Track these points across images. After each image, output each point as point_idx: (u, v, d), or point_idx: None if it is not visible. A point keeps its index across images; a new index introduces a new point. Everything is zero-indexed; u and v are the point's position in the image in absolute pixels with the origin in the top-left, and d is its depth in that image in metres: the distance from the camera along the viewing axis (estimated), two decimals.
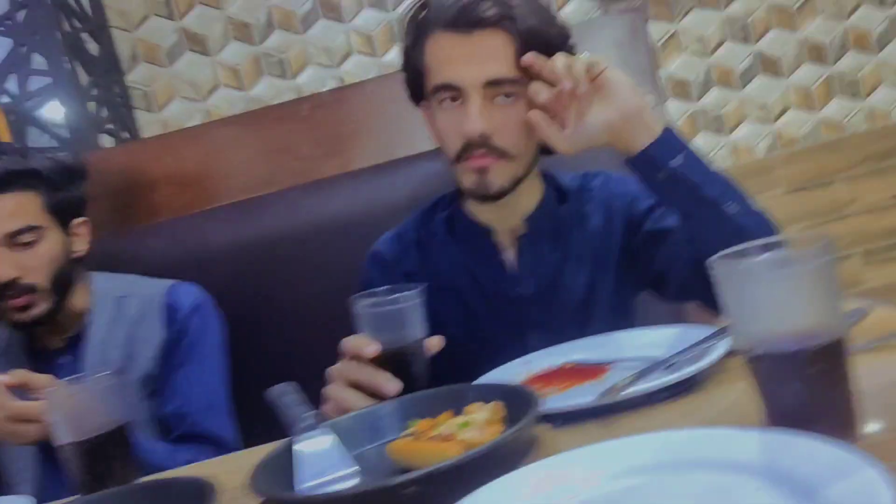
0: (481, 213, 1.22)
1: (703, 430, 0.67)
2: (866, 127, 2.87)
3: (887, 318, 0.91)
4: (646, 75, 1.51)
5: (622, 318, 1.22)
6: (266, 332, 1.54)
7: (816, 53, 2.85)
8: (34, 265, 1.33)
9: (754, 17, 2.83)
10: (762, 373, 0.64)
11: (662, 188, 1.04)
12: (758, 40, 2.84)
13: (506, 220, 1.22)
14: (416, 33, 1.16)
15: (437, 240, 1.27)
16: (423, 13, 1.15)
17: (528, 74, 1.08)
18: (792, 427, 0.61)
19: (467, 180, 1.14)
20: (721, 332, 0.92)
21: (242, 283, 1.54)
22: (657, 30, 2.82)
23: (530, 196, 1.22)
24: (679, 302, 1.27)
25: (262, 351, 1.49)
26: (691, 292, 1.15)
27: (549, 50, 1.09)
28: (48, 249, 1.35)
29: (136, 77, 2.76)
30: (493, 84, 1.09)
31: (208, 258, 1.55)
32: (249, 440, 1.32)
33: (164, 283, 1.45)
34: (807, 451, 0.58)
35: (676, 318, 1.24)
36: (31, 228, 1.33)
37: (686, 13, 2.82)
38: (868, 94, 2.88)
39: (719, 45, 2.84)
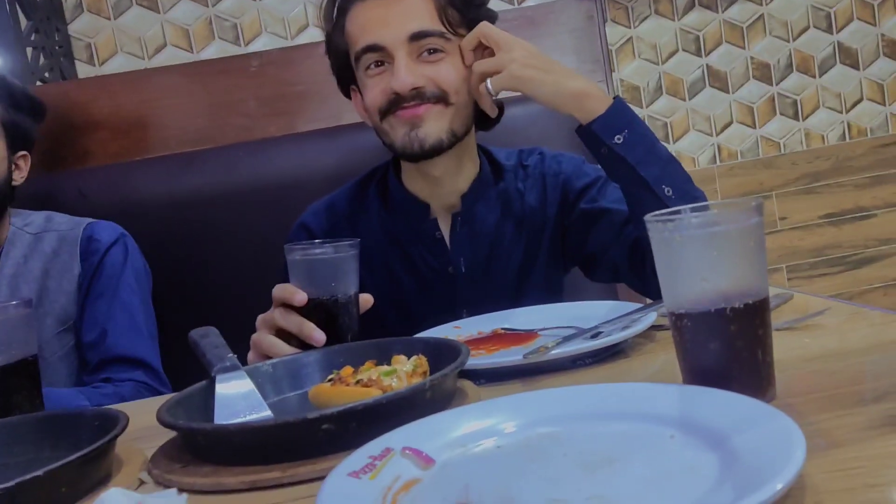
0: (418, 188, 1.21)
1: (620, 385, 0.68)
2: (802, 147, 2.97)
3: (805, 302, 0.95)
4: (598, 64, 1.52)
5: (553, 296, 1.23)
6: (194, 288, 1.50)
7: (762, 72, 2.93)
8: None
9: (706, 31, 2.90)
10: (685, 330, 0.64)
11: (604, 161, 1.05)
12: (708, 54, 2.91)
13: (442, 195, 1.20)
14: (336, 14, 1.15)
15: (371, 213, 1.24)
16: None
17: (453, 30, 1.10)
18: (708, 385, 0.62)
19: (398, 136, 1.11)
20: (649, 307, 0.93)
21: (173, 237, 1.50)
22: (614, 34, 2.86)
23: (468, 171, 1.21)
24: (607, 282, 1.28)
25: (188, 307, 1.45)
26: (620, 274, 1.16)
27: (469, 7, 1.12)
28: None
29: (80, 27, 2.65)
30: (417, 37, 1.08)
31: (139, 208, 1.50)
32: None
33: (83, 220, 1.41)
34: (721, 404, 0.59)
35: (608, 298, 1.26)
36: None
37: (643, 20, 2.86)
38: (807, 116, 2.97)
39: (672, 54, 2.90)
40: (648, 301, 1.05)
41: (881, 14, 2.94)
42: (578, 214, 1.19)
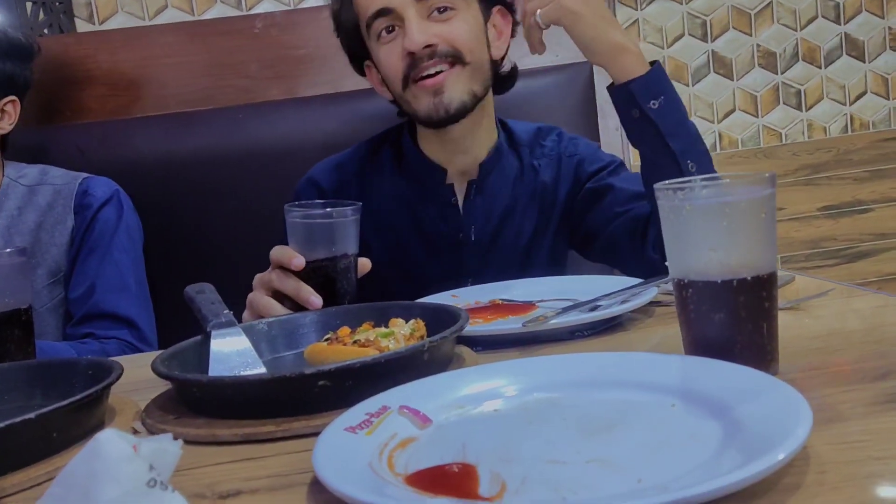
0: (435, 152, 1.20)
1: (620, 354, 0.67)
2: (804, 138, 2.96)
3: (806, 284, 0.95)
4: None
5: (556, 272, 1.23)
6: (190, 248, 1.49)
7: (767, 60, 2.91)
8: None
9: (714, 17, 2.87)
10: (690, 300, 0.63)
11: (633, 124, 1.03)
12: (715, 39, 2.89)
13: (460, 161, 1.20)
14: None
15: (383, 174, 1.24)
16: None
17: None
18: (711, 356, 0.62)
19: (422, 105, 1.11)
20: (648, 282, 0.93)
21: (170, 197, 1.48)
22: (620, 15, 2.83)
23: (487, 138, 1.20)
24: (603, 262, 1.28)
25: (184, 267, 1.43)
26: (618, 253, 1.16)
27: None
28: None
29: None
30: None
31: (137, 166, 1.48)
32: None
33: (79, 175, 1.39)
34: (725, 374, 0.58)
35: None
36: None
37: (650, 2, 2.84)
38: (810, 107, 2.96)
39: (678, 38, 2.87)
40: None
41: (889, 7, 2.92)
42: (585, 192, 1.20)
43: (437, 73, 1.08)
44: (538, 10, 1.02)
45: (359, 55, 1.20)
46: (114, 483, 0.45)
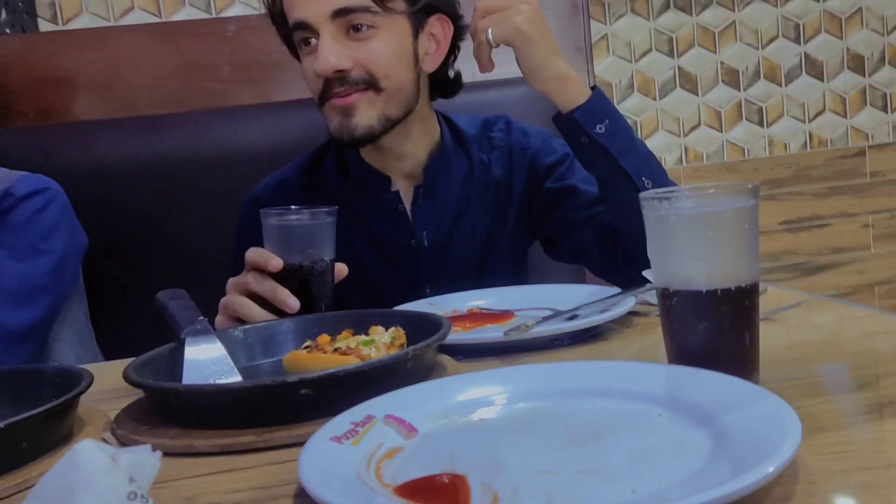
0: (375, 160, 1.17)
1: (605, 363, 0.67)
2: (765, 154, 3.02)
3: (780, 296, 0.96)
4: (581, 53, 1.52)
5: (517, 272, 1.22)
6: (159, 254, 1.45)
7: (731, 77, 2.97)
8: None
9: (680, 33, 2.92)
10: (674, 309, 0.64)
11: (584, 151, 1.04)
12: (681, 55, 2.94)
13: (402, 168, 1.17)
14: None
15: (329, 186, 1.20)
16: None
17: (382, 5, 1.04)
18: (695, 365, 0.62)
19: (332, 123, 1.08)
20: (627, 291, 0.93)
21: (139, 201, 1.44)
22: (591, 29, 2.86)
23: (425, 141, 1.17)
24: (569, 262, 1.27)
25: (152, 273, 1.40)
26: (587, 257, 1.16)
27: None
28: None
29: None
30: (341, 13, 1.03)
31: (104, 170, 1.44)
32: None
33: (13, 174, 1.32)
34: (710, 384, 0.58)
35: (576, 279, 1.26)
36: None
37: (619, 17, 2.88)
38: (771, 123, 3.02)
39: (645, 53, 2.91)
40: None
41: (847, 28, 3.00)
42: (545, 192, 1.18)
43: (349, 94, 1.05)
44: (489, 28, 1.00)
45: (296, 53, 1.16)
46: (93, 496, 0.43)
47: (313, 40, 1.05)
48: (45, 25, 2.55)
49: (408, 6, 1.08)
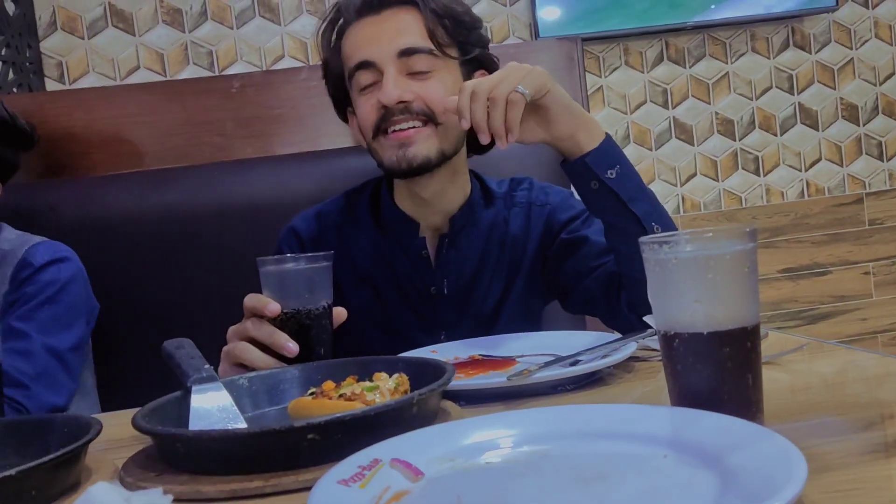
0: (408, 206, 1.21)
1: (609, 406, 0.67)
2: (762, 202, 3.05)
3: (780, 340, 0.97)
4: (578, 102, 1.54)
5: (530, 327, 1.23)
6: (164, 307, 1.46)
7: (726, 127, 3.02)
8: None
9: (674, 85, 2.98)
10: (676, 352, 0.64)
11: (593, 196, 1.04)
12: (675, 106, 2.99)
13: (431, 216, 1.21)
14: (334, 38, 1.19)
15: (360, 225, 1.25)
16: (337, 16, 1.18)
17: (441, 50, 1.12)
18: (698, 407, 0.62)
19: (388, 155, 1.12)
20: (628, 337, 0.94)
21: (144, 255, 1.46)
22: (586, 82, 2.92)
23: (457, 194, 1.22)
24: (581, 313, 1.29)
25: (157, 325, 1.41)
26: (594, 305, 1.17)
27: (459, 28, 1.14)
28: None
29: (52, 44, 2.63)
30: (406, 54, 1.10)
31: (110, 224, 1.46)
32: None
33: (31, 240, 1.35)
34: (715, 425, 0.58)
35: (577, 327, 1.26)
36: None
37: (613, 70, 2.94)
38: (768, 172, 3.06)
39: (640, 105, 2.97)
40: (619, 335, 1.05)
41: (840, 79, 3.07)
42: (559, 244, 1.21)
43: (410, 128, 1.10)
44: (518, 84, 0.94)
45: (342, 102, 1.23)
46: None
47: (372, 80, 1.11)
48: (51, 85, 2.62)
49: (460, 54, 1.16)
